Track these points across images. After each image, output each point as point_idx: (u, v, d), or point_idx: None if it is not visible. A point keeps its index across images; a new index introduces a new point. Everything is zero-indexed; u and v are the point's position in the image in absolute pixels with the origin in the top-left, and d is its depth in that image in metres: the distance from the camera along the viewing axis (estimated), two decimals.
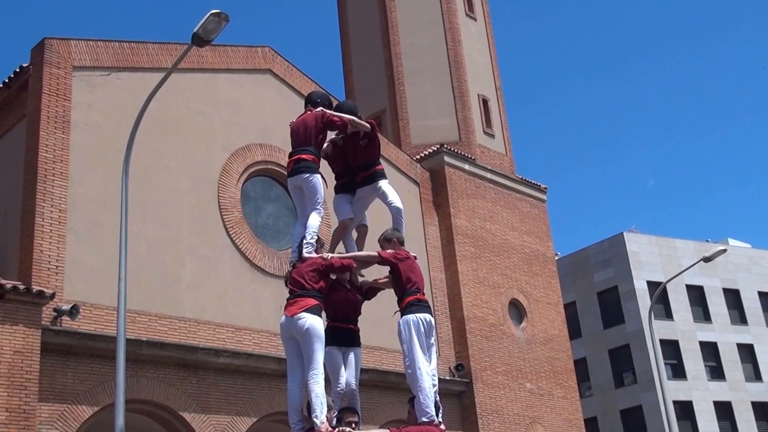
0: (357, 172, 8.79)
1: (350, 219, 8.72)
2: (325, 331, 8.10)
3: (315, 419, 7.25)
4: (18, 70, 17.17)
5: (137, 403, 15.87)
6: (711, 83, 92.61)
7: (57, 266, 15.62)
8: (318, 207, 8.26)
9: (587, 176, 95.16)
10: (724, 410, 40.25)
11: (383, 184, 8.70)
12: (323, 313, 8.02)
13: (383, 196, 8.68)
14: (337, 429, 7.32)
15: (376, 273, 8.80)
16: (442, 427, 7.68)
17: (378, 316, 13.78)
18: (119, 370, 12.20)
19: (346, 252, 8.60)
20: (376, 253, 8.22)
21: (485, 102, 27.16)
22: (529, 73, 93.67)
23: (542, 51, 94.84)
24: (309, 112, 8.65)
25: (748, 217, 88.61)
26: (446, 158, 24.50)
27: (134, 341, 15.44)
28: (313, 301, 7.65)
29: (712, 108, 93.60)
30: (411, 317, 7.86)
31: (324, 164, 8.56)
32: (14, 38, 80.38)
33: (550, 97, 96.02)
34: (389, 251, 8.19)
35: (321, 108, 8.60)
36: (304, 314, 7.55)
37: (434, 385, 7.78)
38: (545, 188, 27.65)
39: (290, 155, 8.52)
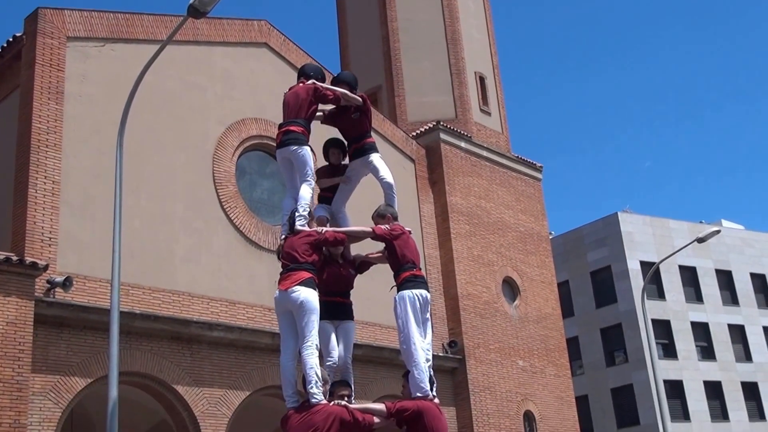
0: (349, 144, 8.83)
1: (343, 177, 8.82)
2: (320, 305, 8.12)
3: (310, 391, 7.24)
4: (11, 39, 17.01)
5: (130, 376, 15.90)
6: (708, 66, 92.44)
7: (50, 238, 15.56)
8: (308, 179, 8.24)
9: (583, 156, 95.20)
10: (713, 390, 40.61)
11: (375, 158, 8.70)
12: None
13: (375, 171, 8.68)
14: (332, 402, 7.31)
15: (371, 248, 8.77)
16: (437, 401, 7.69)
17: (372, 292, 13.82)
18: (113, 342, 12.20)
19: (339, 226, 8.58)
20: (371, 229, 8.19)
21: (482, 80, 27.04)
22: (526, 51, 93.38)
23: (540, 30, 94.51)
24: (301, 84, 8.61)
25: (742, 199, 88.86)
26: (442, 135, 24.44)
27: (128, 314, 15.42)
28: (306, 274, 7.62)
29: (709, 91, 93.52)
30: (407, 293, 7.86)
31: (313, 136, 8.52)
32: (7, 8, 79.75)
33: (547, 77, 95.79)
34: (384, 227, 8.16)
35: (313, 81, 8.57)
36: (298, 287, 7.52)
37: (428, 361, 7.79)
38: (541, 167, 27.62)
39: (280, 127, 8.51)
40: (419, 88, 25.91)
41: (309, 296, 7.50)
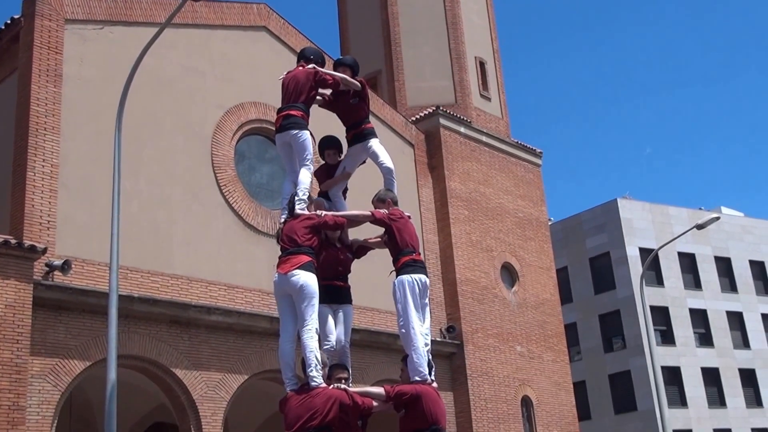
0: (347, 129, 8.82)
1: (343, 173, 8.77)
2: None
3: (309, 374, 7.25)
4: (9, 22, 16.92)
5: (129, 359, 15.92)
6: (711, 52, 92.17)
7: (49, 221, 15.54)
8: (308, 163, 8.25)
9: (583, 142, 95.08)
10: (711, 376, 40.75)
11: (374, 143, 8.71)
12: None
13: (374, 156, 8.69)
14: (330, 385, 7.32)
15: (371, 233, 8.76)
16: (435, 385, 7.70)
17: (371, 276, 13.81)
18: (111, 325, 12.21)
19: (337, 210, 8.59)
20: (370, 213, 8.20)
21: (482, 64, 26.96)
22: (527, 36, 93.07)
23: (540, 16, 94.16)
24: (301, 67, 8.58)
25: (742, 186, 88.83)
26: (442, 120, 24.38)
27: (126, 297, 15.43)
28: (306, 258, 7.62)
29: (711, 76, 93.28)
30: (406, 277, 7.87)
31: (313, 120, 8.50)
32: None
33: (548, 63, 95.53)
34: (382, 211, 8.16)
35: (313, 65, 8.55)
36: (297, 271, 7.52)
37: (427, 345, 7.80)
38: (540, 153, 27.58)
39: (279, 111, 8.49)
40: (419, 72, 25.82)
41: (308, 280, 7.50)
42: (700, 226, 23.90)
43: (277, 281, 7.66)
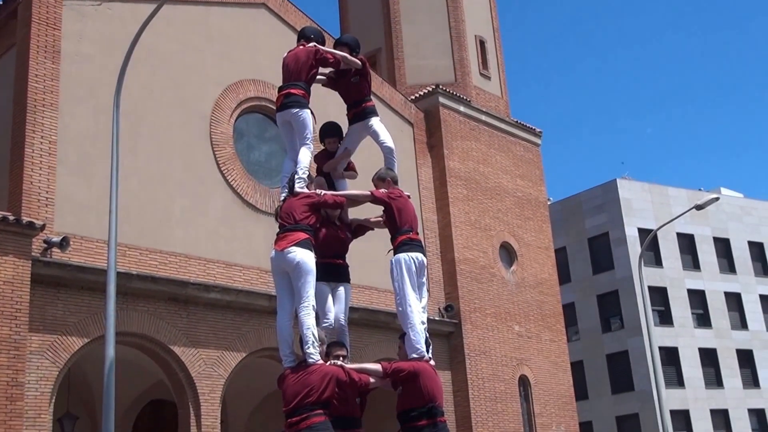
0: (348, 108, 8.80)
1: (344, 152, 8.75)
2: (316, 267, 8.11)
3: (306, 351, 7.26)
4: None
5: (127, 336, 15.96)
6: (713, 35, 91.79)
7: (47, 198, 15.52)
8: (308, 142, 8.25)
9: (583, 122, 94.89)
10: (708, 357, 40.84)
11: (375, 122, 8.70)
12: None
13: (375, 135, 8.68)
14: (328, 362, 7.33)
15: (371, 212, 8.75)
16: (432, 362, 7.71)
17: (369, 255, 13.83)
18: (109, 302, 12.23)
19: (337, 189, 8.58)
20: (369, 192, 8.19)
21: (482, 43, 26.83)
22: (527, 15, 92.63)
23: None
24: (302, 46, 8.55)
25: (742, 167, 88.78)
26: (441, 99, 24.29)
27: (124, 274, 15.44)
28: (303, 235, 7.61)
29: (712, 59, 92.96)
30: (403, 256, 7.86)
31: (313, 99, 8.48)
32: None
33: (548, 42, 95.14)
34: (382, 191, 8.16)
35: (314, 44, 8.52)
36: (294, 248, 7.51)
37: (423, 323, 7.81)
38: (540, 132, 27.50)
39: (280, 89, 8.47)
40: (419, 51, 25.70)
41: (305, 257, 7.49)
42: (699, 207, 23.88)
43: (274, 258, 7.66)
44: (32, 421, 14.18)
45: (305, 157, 8.15)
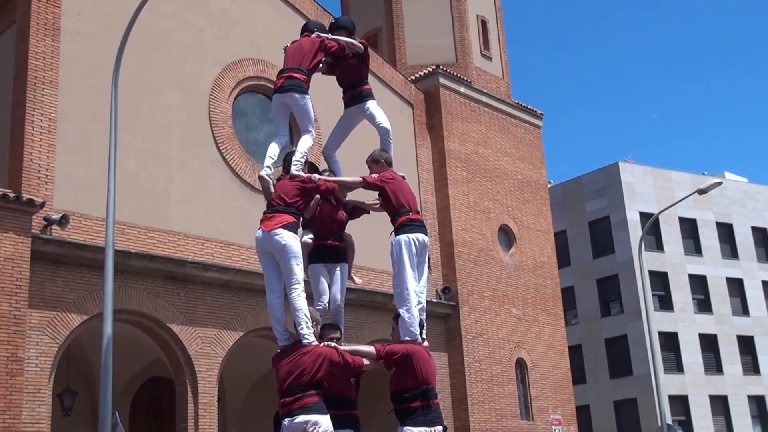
0: (344, 90, 8.80)
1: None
2: (312, 248, 8.14)
3: (300, 332, 7.31)
4: None
5: (126, 314, 16.05)
6: (716, 18, 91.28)
7: (47, 175, 15.57)
8: (310, 129, 8.30)
9: (586, 105, 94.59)
10: (708, 342, 40.69)
11: (371, 104, 8.71)
12: (305, 231, 8.08)
13: (371, 117, 8.69)
14: (322, 344, 7.37)
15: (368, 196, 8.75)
16: (426, 344, 7.73)
17: (366, 236, 13.80)
18: (107, 279, 12.31)
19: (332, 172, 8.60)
20: (361, 179, 8.16)
21: (484, 23, 26.67)
22: None
23: None
24: (306, 37, 8.59)
25: (747, 152, 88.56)
26: (441, 80, 24.18)
27: (123, 252, 15.51)
28: (290, 218, 7.64)
29: (717, 42, 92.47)
30: (403, 237, 7.86)
31: (312, 86, 8.47)
32: None
33: (551, 22, 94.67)
34: (374, 175, 8.14)
35: (318, 35, 8.56)
36: (280, 230, 7.53)
37: (420, 304, 7.81)
38: (541, 114, 27.40)
39: (281, 72, 8.46)
40: (419, 30, 25.54)
41: (290, 240, 7.52)
42: (702, 191, 23.75)
43: (260, 238, 7.67)
44: (32, 395, 14.33)
45: (306, 143, 8.19)
